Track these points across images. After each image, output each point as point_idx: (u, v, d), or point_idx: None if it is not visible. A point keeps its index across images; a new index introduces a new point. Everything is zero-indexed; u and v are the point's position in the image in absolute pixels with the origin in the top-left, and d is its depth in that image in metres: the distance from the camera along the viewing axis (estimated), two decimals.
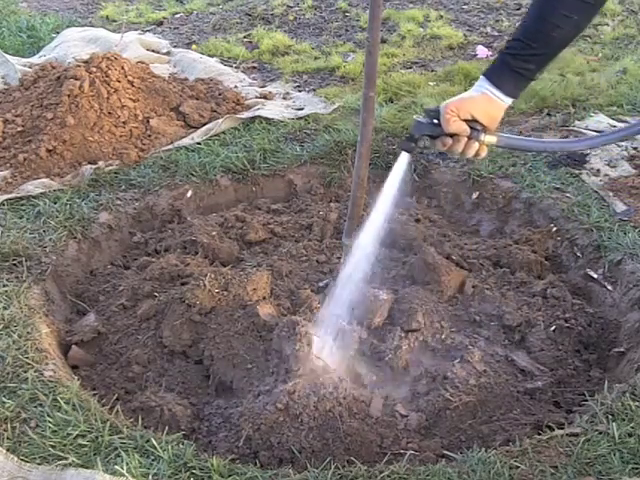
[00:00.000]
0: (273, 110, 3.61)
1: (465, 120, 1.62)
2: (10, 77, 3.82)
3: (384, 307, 2.20)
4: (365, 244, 1.95)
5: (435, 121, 1.65)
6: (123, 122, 3.25)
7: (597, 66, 4.20)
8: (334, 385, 1.91)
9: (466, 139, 1.64)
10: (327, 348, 2.04)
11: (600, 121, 3.36)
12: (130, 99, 3.33)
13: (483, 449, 1.71)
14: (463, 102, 1.63)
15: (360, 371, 2.07)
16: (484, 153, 1.67)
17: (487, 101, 1.63)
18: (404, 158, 1.77)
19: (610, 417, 1.77)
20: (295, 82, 4.21)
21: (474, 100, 1.63)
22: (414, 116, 1.71)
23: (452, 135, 1.64)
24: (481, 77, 1.64)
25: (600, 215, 2.62)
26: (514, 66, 1.60)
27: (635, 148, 3.14)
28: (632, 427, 1.73)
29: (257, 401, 1.91)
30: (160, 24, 5.44)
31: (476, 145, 1.64)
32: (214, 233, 2.67)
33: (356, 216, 2.34)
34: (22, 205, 2.75)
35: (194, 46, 4.80)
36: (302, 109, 3.68)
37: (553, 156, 3.06)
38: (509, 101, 1.63)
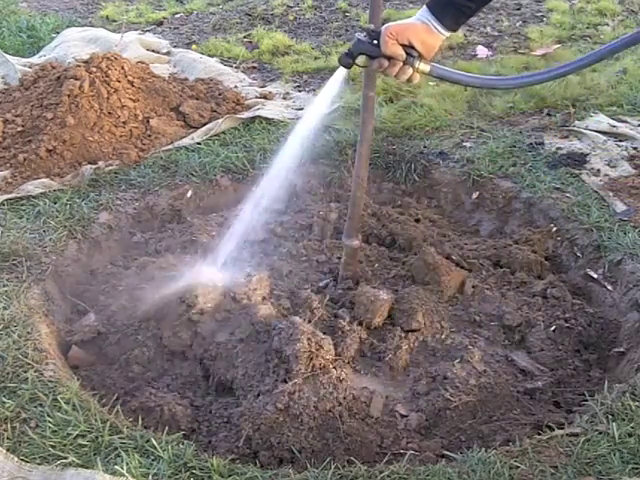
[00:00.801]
0: (273, 110, 3.61)
1: (402, 45, 1.69)
2: (10, 77, 3.82)
3: (384, 307, 2.20)
4: (287, 152, 2.05)
5: (375, 42, 1.71)
6: (123, 122, 3.25)
7: (597, 66, 4.20)
8: (334, 385, 1.91)
9: (401, 63, 1.72)
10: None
11: (600, 121, 3.36)
12: (130, 99, 3.33)
13: (483, 449, 1.71)
14: (403, 28, 1.72)
15: (360, 371, 2.07)
16: (417, 80, 1.76)
17: (426, 31, 1.71)
18: (341, 72, 1.85)
19: (610, 417, 1.77)
20: (295, 82, 4.20)
21: (414, 27, 1.72)
22: (356, 33, 1.77)
23: (389, 58, 1.71)
24: (424, 7, 1.73)
25: (600, 215, 2.62)
26: (456, 2, 1.68)
27: (635, 148, 3.14)
28: (632, 427, 1.73)
29: (257, 401, 1.91)
30: (160, 24, 5.43)
31: (410, 71, 1.72)
32: (214, 233, 2.67)
33: (356, 216, 2.34)
34: (22, 205, 2.75)
35: (194, 46, 4.80)
36: (302, 109, 3.68)
37: (553, 156, 3.06)
38: (447, 34, 1.72)
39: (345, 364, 2.05)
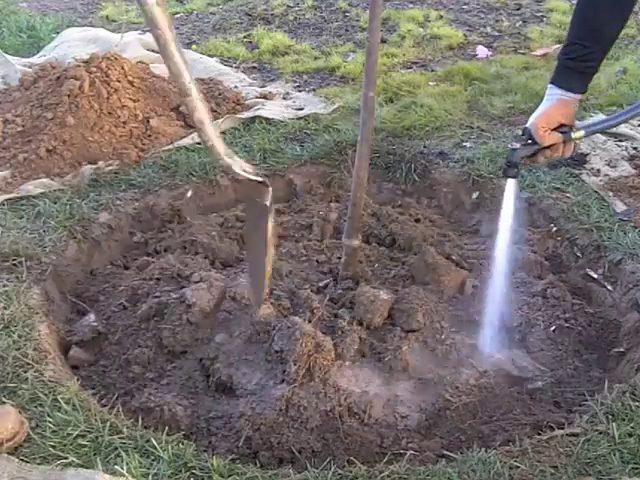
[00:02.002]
0: (273, 110, 3.61)
1: (554, 129, 1.82)
2: (10, 77, 3.82)
3: (384, 307, 2.20)
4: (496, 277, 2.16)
5: (529, 141, 1.85)
6: (123, 122, 3.25)
7: None
8: (334, 386, 1.91)
9: (562, 144, 1.85)
10: None
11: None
12: (130, 99, 3.33)
13: (483, 449, 1.71)
14: (547, 115, 1.82)
15: (360, 371, 2.07)
16: (575, 148, 1.92)
17: (565, 104, 1.82)
18: (511, 185, 1.97)
19: (610, 417, 1.77)
20: (295, 82, 4.20)
21: (556, 108, 1.83)
22: (508, 145, 1.89)
23: (549, 147, 1.85)
24: (549, 85, 1.85)
25: (600, 215, 2.62)
26: (577, 68, 1.78)
27: (635, 148, 3.14)
28: (632, 427, 1.73)
29: (257, 401, 1.91)
30: None
31: (571, 145, 1.86)
32: (214, 233, 2.67)
33: (356, 216, 2.34)
34: (22, 205, 2.75)
35: (194, 46, 4.80)
36: (302, 109, 3.68)
37: None
38: (580, 96, 1.84)
39: (345, 364, 2.05)
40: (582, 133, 1.87)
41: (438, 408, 1.92)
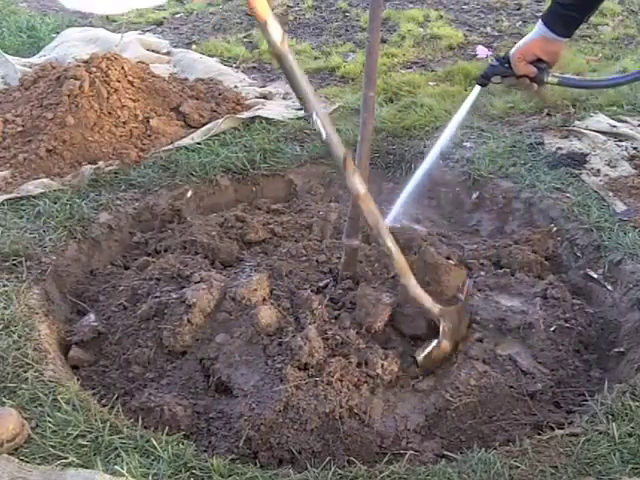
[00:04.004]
0: (273, 110, 3.61)
1: (531, 62, 1.99)
2: (10, 77, 3.82)
3: (386, 311, 2.19)
4: (429, 157, 2.39)
5: (507, 65, 2.08)
6: (123, 122, 3.25)
7: (597, 66, 4.20)
8: (334, 387, 1.91)
9: (528, 80, 2.05)
10: None
11: (600, 121, 3.36)
12: (130, 99, 3.33)
13: (483, 449, 1.71)
14: (526, 46, 2.00)
15: (360, 371, 2.06)
16: (544, 90, 2.16)
17: (545, 41, 1.98)
18: (477, 89, 2.26)
19: (610, 417, 1.77)
20: None
21: (535, 42, 1.99)
22: (489, 60, 2.14)
23: (519, 77, 2.06)
24: (539, 21, 1.99)
25: (600, 215, 2.62)
26: (562, 13, 1.92)
27: (635, 148, 3.14)
28: (632, 427, 1.73)
29: (257, 402, 1.91)
30: (160, 24, 5.44)
31: (535, 86, 2.07)
32: (214, 233, 2.67)
33: (356, 216, 2.33)
34: (22, 205, 2.75)
35: (194, 46, 4.80)
36: (302, 109, 3.68)
37: (553, 156, 3.06)
38: (564, 40, 1.98)
39: (347, 369, 2.03)
40: (555, 80, 2.07)
41: (438, 408, 1.92)
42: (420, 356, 2.03)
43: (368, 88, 2.13)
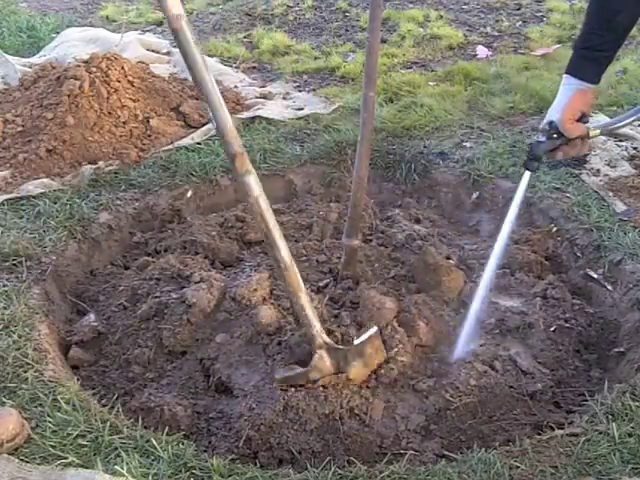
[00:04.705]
0: (273, 110, 3.61)
1: (577, 120, 1.86)
2: (10, 77, 3.82)
3: (390, 316, 2.18)
4: (490, 263, 2.14)
5: (554, 135, 1.88)
6: (123, 122, 3.25)
7: None
8: (334, 388, 1.91)
9: (580, 140, 1.89)
10: None
11: (600, 121, 3.36)
12: (130, 99, 3.33)
13: (483, 449, 1.71)
14: (572, 106, 1.86)
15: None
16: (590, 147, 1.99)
17: (583, 94, 1.86)
18: (527, 177, 2.01)
19: (610, 417, 1.77)
20: (295, 82, 4.20)
21: (577, 98, 1.86)
22: (533, 137, 1.98)
23: (568, 142, 1.89)
24: (565, 76, 1.87)
25: (600, 215, 2.62)
26: (592, 57, 1.82)
27: (635, 148, 3.14)
28: (632, 427, 1.73)
29: (257, 401, 1.90)
30: (160, 24, 5.43)
31: (587, 142, 1.91)
32: (214, 233, 2.67)
33: (356, 216, 2.34)
34: (22, 205, 2.75)
35: None
36: (302, 109, 3.68)
37: None
38: (595, 86, 1.87)
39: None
40: (597, 132, 1.93)
41: (438, 408, 1.92)
42: (279, 375, 1.90)
43: (368, 88, 2.13)
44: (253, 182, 1.66)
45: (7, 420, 1.68)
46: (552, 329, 2.21)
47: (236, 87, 3.95)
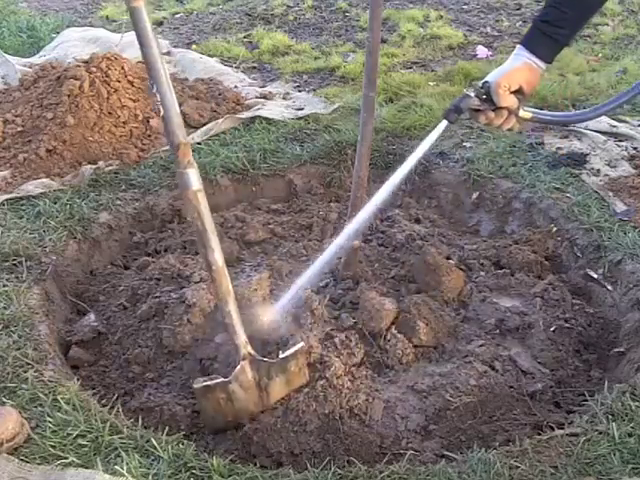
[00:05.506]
0: (273, 110, 3.61)
1: (513, 92, 1.77)
2: (10, 77, 3.82)
3: (389, 317, 2.18)
4: (384, 190, 2.02)
5: (484, 96, 1.80)
6: (123, 122, 3.25)
7: (597, 66, 4.20)
8: (335, 388, 1.91)
9: (507, 113, 1.79)
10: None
11: (600, 121, 3.36)
12: (130, 99, 3.33)
13: (483, 449, 1.71)
14: (511, 75, 1.77)
15: (361, 374, 2.06)
16: (518, 127, 1.85)
17: (529, 69, 1.77)
18: (443, 125, 1.89)
19: (610, 417, 1.77)
20: (295, 82, 4.21)
21: (520, 70, 1.77)
22: (464, 89, 1.83)
23: (495, 109, 1.80)
24: (518, 46, 1.79)
25: (600, 215, 2.62)
26: (549, 32, 1.73)
27: (635, 148, 3.14)
28: (632, 427, 1.73)
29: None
30: (160, 24, 5.44)
31: (513, 119, 1.81)
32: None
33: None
34: (22, 205, 2.75)
35: (194, 46, 4.80)
36: (302, 109, 3.68)
37: (553, 156, 3.06)
38: (544, 67, 1.77)
39: (348, 372, 2.03)
40: (528, 115, 1.86)
41: (438, 408, 1.92)
42: (198, 384, 1.83)
43: (368, 88, 2.13)
44: (194, 176, 1.58)
45: (7, 420, 1.67)
46: (552, 329, 2.21)
47: (236, 87, 3.95)
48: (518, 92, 1.79)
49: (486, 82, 1.81)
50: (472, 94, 1.81)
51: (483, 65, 4.23)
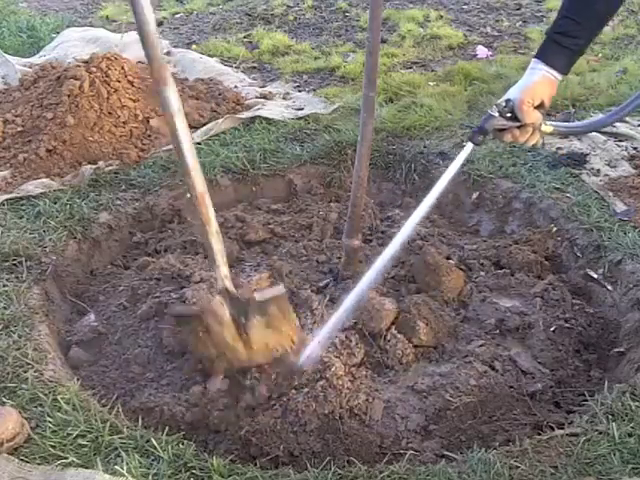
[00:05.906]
0: (273, 110, 3.61)
1: (535, 107, 1.76)
2: (10, 77, 3.82)
3: (389, 317, 2.18)
4: (412, 220, 1.97)
5: (508, 114, 1.78)
6: (123, 122, 3.25)
7: (597, 66, 4.20)
8: (334, 388, 1.91)
9: (532, 129, 1.78)
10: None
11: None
12: (130, 99, 3.33)
13: (483, 449, 1.71)
14: (533, 89, 1.76)
15: (361, 374, 2.06)
16: (540, 142, 1.87)
17: (549, 82, 1.76)
18: (469, 149, 1.86)
19: (610, 417, 1.77)
20: (295, 82, 4.21)
21: (540, 84, 1.76)
22: (488, 110, 1.80)
23: (519, 126, 1.78)
24: (534, 59, 1.77)
25: (600, 215, 2.62)
26: (565, 43, 1.73)
27: (635, 148, 3.14)
28: (632, 427, 1.73)
29: (256, 402, 1.90)
30: (160, 24, 5.43)
31: (538, 134, 1.80)
32: None
33: (356, 216, 2.34)
34: (22, 205, 2.75)
35: (194, 46, 4.80)
36: (302, 109, 3.68)
37: (553, 156, 3.06)
38: (561, 78, 1.76)
39: (348, 372, 2.03)
40: (550, 129, 1.85)
41: (438, 408, 1.92)
42: (173, 310, 1.85)
43: (368, 88, 2.13)
44: (173, 96, 1.49)
45: (7, 420, 1.68)
46: (552, 329, 2.21)
47: (236, 87, 3.95)
48: (540, 106, 1.78)
49: (509, 100, 1.79)
50: (496, 114, 1.79)
51: (483, 65, 4.23)
